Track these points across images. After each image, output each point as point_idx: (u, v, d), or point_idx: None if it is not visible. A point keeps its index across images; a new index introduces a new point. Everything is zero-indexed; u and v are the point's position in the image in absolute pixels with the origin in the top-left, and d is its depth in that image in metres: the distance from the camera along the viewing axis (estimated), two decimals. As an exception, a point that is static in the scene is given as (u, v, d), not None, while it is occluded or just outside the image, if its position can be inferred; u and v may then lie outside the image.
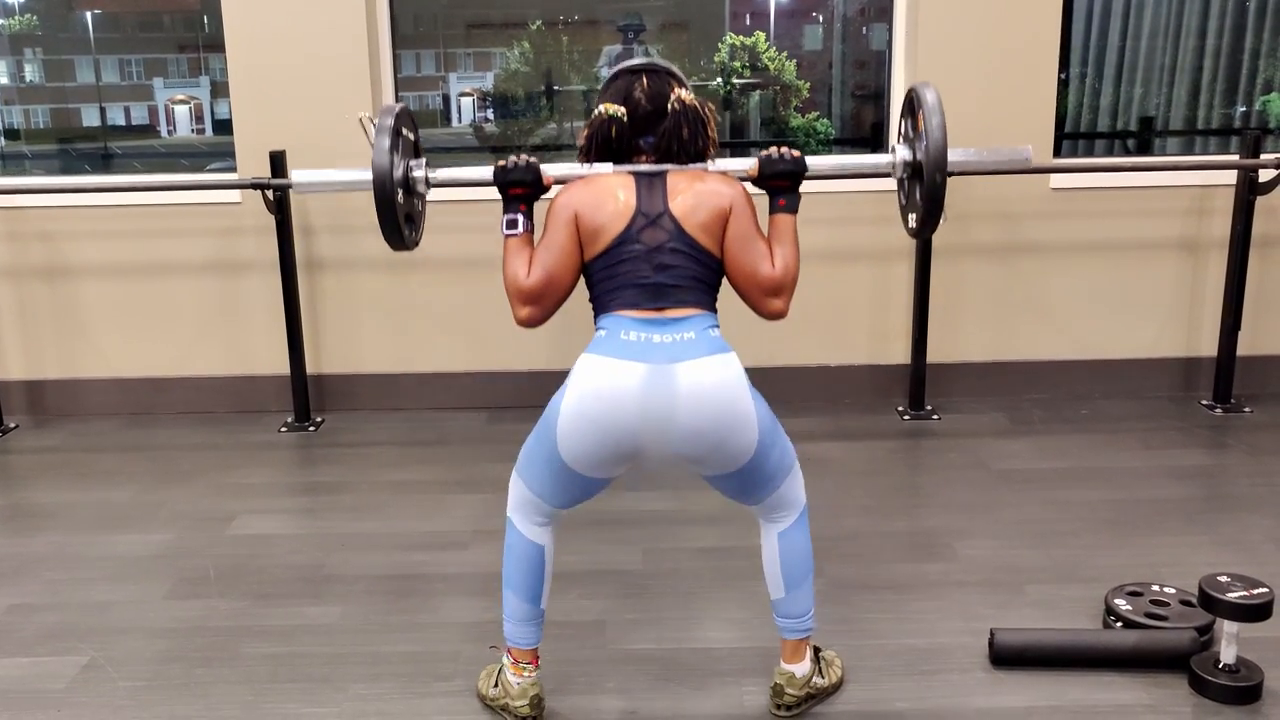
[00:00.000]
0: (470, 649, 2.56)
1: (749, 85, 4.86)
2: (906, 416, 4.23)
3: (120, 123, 4.92)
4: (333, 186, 2.46)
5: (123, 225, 4.30)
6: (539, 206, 2.17)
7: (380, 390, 4.42)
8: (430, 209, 4.24)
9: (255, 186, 3.98)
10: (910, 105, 2.35)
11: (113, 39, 4.90)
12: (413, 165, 2.27)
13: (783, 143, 2.12)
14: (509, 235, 2.12)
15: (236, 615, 2.78)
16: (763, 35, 4.78)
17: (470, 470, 3.76)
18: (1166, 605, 2.57)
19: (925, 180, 2.21)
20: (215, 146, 4.74)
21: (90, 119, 4.92)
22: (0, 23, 4.68)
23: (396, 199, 2.18)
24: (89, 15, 4.77)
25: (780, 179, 2.16)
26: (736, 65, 4.79)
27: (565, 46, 4.76)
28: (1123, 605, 2.57)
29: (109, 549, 3.19)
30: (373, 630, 2.68)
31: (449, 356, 4.42)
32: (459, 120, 4.87)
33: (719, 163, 2.17)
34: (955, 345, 4.36)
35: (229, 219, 4.27)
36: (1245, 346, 4.25)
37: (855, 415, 4.25)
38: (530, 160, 2.15)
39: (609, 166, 2.13)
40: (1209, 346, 4.33)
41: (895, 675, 2.43)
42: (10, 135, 4.75)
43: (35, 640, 2.67)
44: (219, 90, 4.65)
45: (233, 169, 4.27)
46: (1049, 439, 3.95)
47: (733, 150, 4.99)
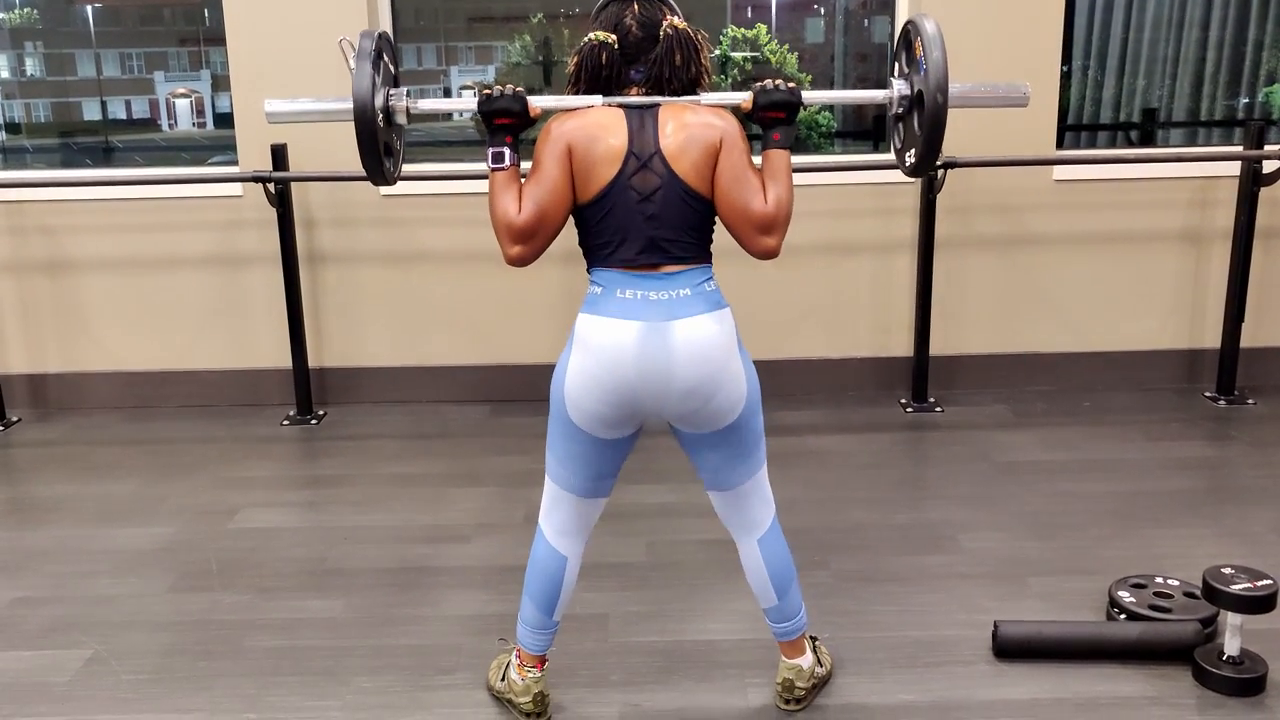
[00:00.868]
0: (473, 642, 2.56)
1: (750, 78, 4.85)
2: (909, 409, 4.22)
3: (121, 116, 4.91)
4: (310, 116, 2.32)
5: (124, 219, 4.29)
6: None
7: (382, 383, 4.42)
8: (431, 202, 4.28)
9: (257, 179, 3.97)
10: (907, 38, 2.21)
11: (113, 32, 4.89)
12: (392, 94, 2.15)
13: (778, 76, 1.97)
14: (495, 169, 2.02)
15: (239, 609, 2.78)
16: (764, 28, 4.77)
17: (472, 463, 3.76)
18: (1170, 597, 2.56)
19: (926, 104, 2.08)
20: (216, 140, 4.74)
21: (91, 113, 4.91)
22: (1, 16, 4.67)
23: (378, 127, 2.07)
24: (89, 9, 4.76)
25: (775, 109, 2.05)
26: (738, 58, 4.77)
27: (566, 40, 4.75)
28: (1126, 597, 2.56)
29: (112, 542, 3.19)
30: (375, 623, 2.68)
31: (451, 350, 4.42)
32: (460, 114, 4.85)
33: (711, 95, 2.07)
34: (958, 337, 4.35)
35: (230, 212, 4.26)
36: (1248, 338, 4.24)
37: (858, 408, 4.25)
38: (517, 89, 2.04)
39: (599, 99, 2.04)
40: (1212, 338, 4.32)
41: (899, 667, 2.43)
42: (11, 129, 4.75)
43: (39, 633, 2.67)
44: (220, 84, 4.64)
45: (233, 163, 4.26)
46: (1052, 431, 3.95)
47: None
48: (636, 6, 2.07)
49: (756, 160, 2.03)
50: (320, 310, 4.36)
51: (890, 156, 2.37)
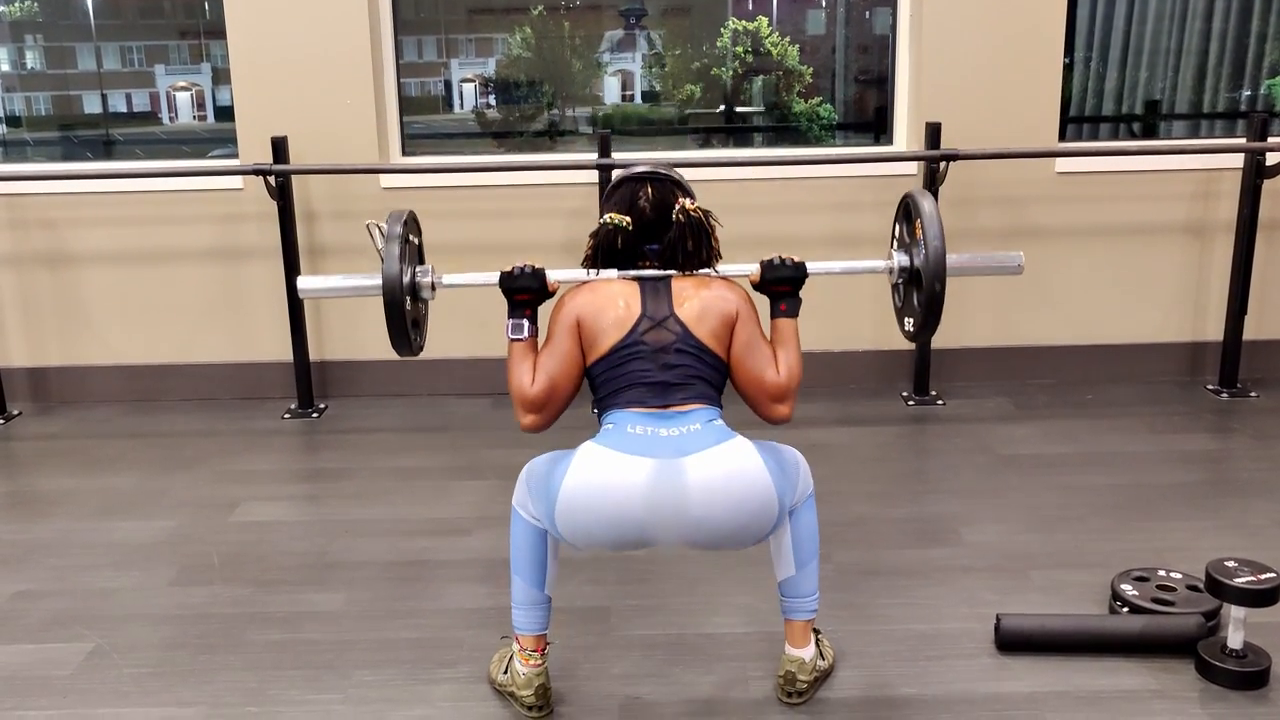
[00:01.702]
0: (474, 635, 2.56)
1: (751, 71, 4.84)
2: (911, 402, 4.22)
3: (122, 109, 4.90)
4: (340, 292, 2.52)
5: (125, 212, 4.29)
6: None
7: (383, 376, 4.42)
8: (432, 195, 4.27)
9: (257, 172, 3.96)
10: (906, 212, 2.36)
11: (114, 25, 4.88)
12: (419, 271, 2.31)
13: (783, 255, 2.18)
14: (514, 340, 2.16)
15: (240, 602, 2.78)
16: (765, 20, 4.76)
17: (473, 456, 3.76)
18: (1173, 590, 2.56)
19: (924, 289, 2.24)
20: (216, 133, 4.73)
21: (92, 106, 4.90)
22: (1, 9, 4.66)
23: (405, 306, 2.22)
24: (90, 2, 4.75)
25: (781, 284, 2.21)
26: (739, 50, 4.76)
27: (567, 31, 4.74)
28: (1129, 590, 2.56)
29: (113, 536, 3.19)
30: (377, 617, 2.68)
31: (452, 342, 4.41)
32: (460, 106, 4.85)
33: (721, 268, 2.21)
34: (960, 330, 4.34)
35: (231, 205, 4.25)
36: (1251, 331, 4.24)
37: (860, 401, 4.25)
38: (536, 267, 2.19)
39: (614, 272, 2.17)
40: (1215, 331, 4.31)
41: (901, 661, 2.42)
42: (12, 122, 4.74)
43: (40, 627, 2.67)
44: (220, 77, 4.63)
45: (234, 156, 4.26)
46: (1054, 424, 3.94)
47: (735, 139, 4.97)
48: (650, 188, 2.19)
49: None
50: (321, 303, 4.35)
51: (892, 149, 2.42)
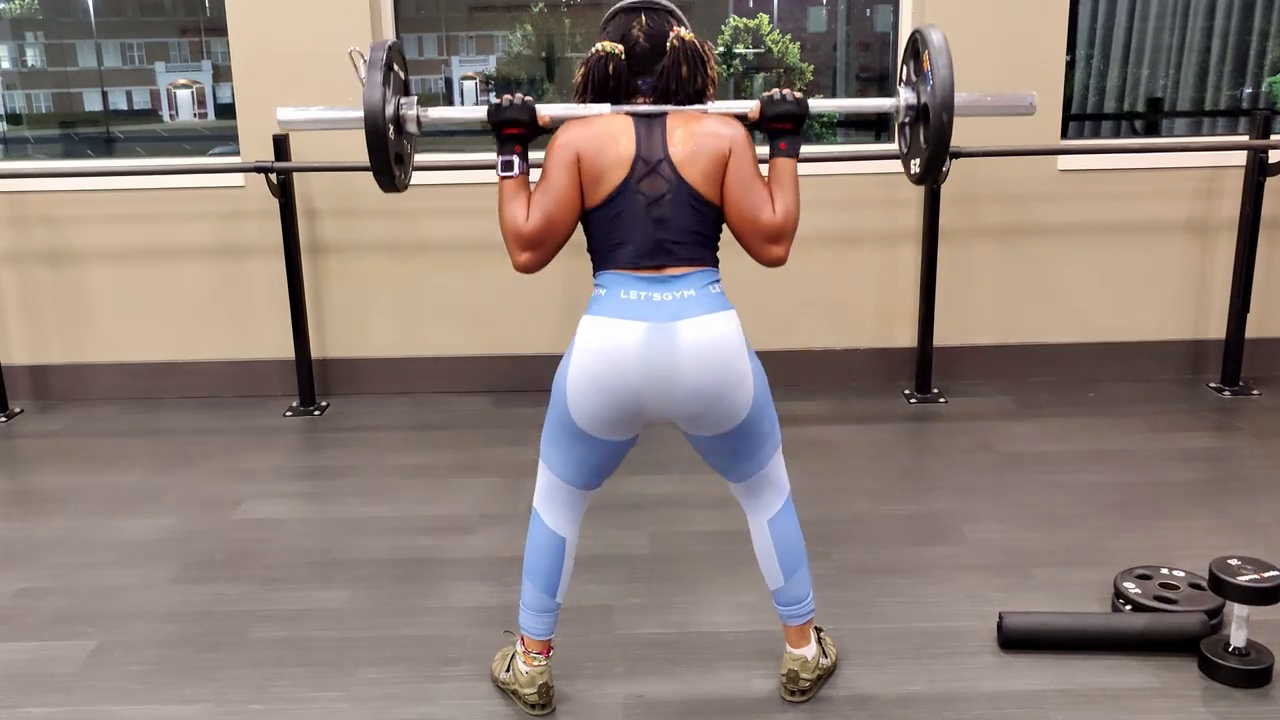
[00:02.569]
0: (478, 633, 2.56)
1: (752, 68, 4.83)
2: (913, 400, 4.21)
3: (122, 107, 4.89)
4: (321, 124, 2.33)
5: (126, 209, 4.29)
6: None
7: (385, 374, 4.42)
8: (434, 193, 4.27)
9: (259, 170, 3.96)
10: (914, 47, 2.24)
11: (114, 23, 4.87)
12: (403, 103, 2.17)
13: (785, 84, 2.04)
14: (505, 177, 2.05)
15: (243, 600, 2.78)
16: (766, 17, 4.75)
17: (476, 454, 3.76)
18: (1176, 588, 2.56)
19: (931, 120, 2.11)
20: (217, 130, 4.72)
21: (92, 103, 4.89)
22: (1, 6, 4.65)
23: (388, 137, 2.10)
24: (90, -1, 4.75)
25: (782, 120, 2.09)
26: (740, 47, 4.76)
27: (568, 29, 4.73)
28: (1132, 588, 2.56)
29: (115, 533, 3.19)
30: (380, 615, 2.68)
31: (454, 340, 4.42)
32: (461, 104, 4.84)
33: (719, 104, 2.10)
34: (962, 328, 4.35)
35: (232, 203, 4.25)
36: (1254, 329, 4.23)
37: (862, 398, 4.24)
38: (526, 99, 2.07)
39: (607, 107, 2.07)
40: (1217, 329, 4.31)
41: (904, 658, 2.42)
42: (12, 119, 4.73)
43: (44, 624, 2.67)
44: (221, 74, 4.62)
45: (235, 153, 4.25)
46: (1056, 422, 3.94)
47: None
48: (644, 17, 2.09)
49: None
50: (323, 301, 4.35)
51: (894, 147, 2.38)
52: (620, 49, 2.07)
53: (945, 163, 2.18)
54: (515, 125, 2.06)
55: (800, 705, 2.26)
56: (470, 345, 4.40)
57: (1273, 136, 4.00)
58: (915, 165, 2.27)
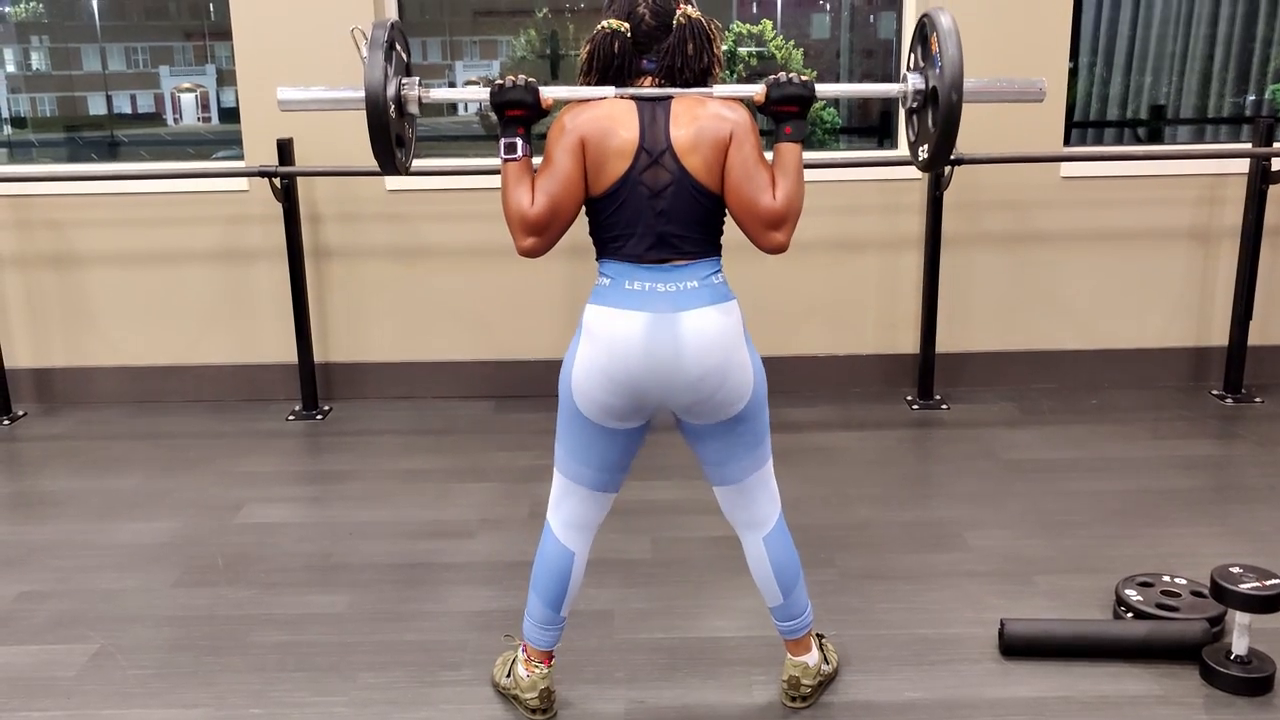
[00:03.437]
0: (478, 638, 2.56)
1: (755, 74, 4.84)
2: (915, 406, 4.21)
3: (126, 111, 4.90)
4: (321, 104, 2.31)
5: (130, 213, 4.29)
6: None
7: (387, 379, 4.42)
8: (436, 198, 4.27)
9: (263, 174, 3.96)
10: (922, 32, 2.19)
11: (119, 26, 4.88)
12: (405, 83, 2.14)
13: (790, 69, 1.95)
14: (508, 160, 2.01)
15: (244, 604, 2.78)
16: (770, 24, 4.75)
17: (477, 459, 3.76)
18: (1177, 596, 2.56)
19: (940, 102, 2.06)
20: (221, 135, 4.73)
21: (96, 107, 4.90)
22: (7, 10, 4.67)
23: (389, 118, 2.07)
24: (95, 3, 4.75)
25: (789, 103, 2.03)
26: (743, 53, 4.76)
27: (571, 34, 4.74)
28: (1133, 596, 2.56)
29: (117, 537, 3.19)
30: (381, 619, 2.68)
31: (456, 345, 4.42)
32: (465, 109, 4.85)
33: (724, 87, 2.06)
34: (964, 335, 4.34)
35: (236, 207, 4.26)
36: (1256, 336, 4.23)
37: (864, 405, 4.24)
38: (529, 80, 2.02)
39: (611, 90, 2.02)
40: (1220, 336, 4.31)
41: (906, 665, 2.42)
42: (17, 123, 4.75)
43: (45, 628, 2.68)
44: (225, 78, 4.63)
45: (239, 158, 4.26)
46: (1058, 429, 3.94)
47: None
48: None
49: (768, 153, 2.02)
50: (326, 305, 4.36)
51: (896, 153, 2.36)
52: (626, 26, 2.03)
53: (953, 150, 2.12)
54: (519, 107, 2.03)
55: (801, 711, 2.26)
56: (472, 350, 4.41)
57: (1275, 144, 4.00)
58: (924, 151, 2.22)
